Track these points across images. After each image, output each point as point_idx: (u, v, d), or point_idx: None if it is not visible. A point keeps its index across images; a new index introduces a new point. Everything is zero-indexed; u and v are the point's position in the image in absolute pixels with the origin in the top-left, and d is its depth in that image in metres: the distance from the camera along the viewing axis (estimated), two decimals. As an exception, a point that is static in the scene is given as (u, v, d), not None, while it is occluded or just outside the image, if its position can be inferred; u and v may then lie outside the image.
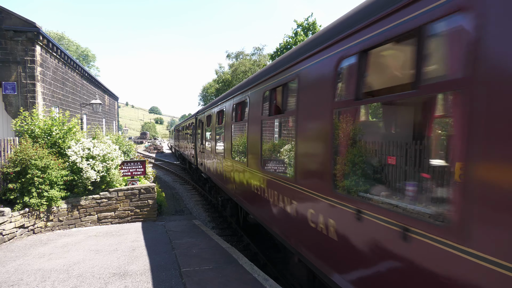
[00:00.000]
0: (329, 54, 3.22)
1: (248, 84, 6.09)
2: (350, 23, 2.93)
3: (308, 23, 24.99)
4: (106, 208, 8.00)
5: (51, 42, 10.41)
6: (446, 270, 1.92)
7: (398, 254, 2.30)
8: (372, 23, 2.59)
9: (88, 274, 4.85)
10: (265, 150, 5.36)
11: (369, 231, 2.59)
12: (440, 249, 1.95)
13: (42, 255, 5.68)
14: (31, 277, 4.73)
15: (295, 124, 3.94)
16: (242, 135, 6.63)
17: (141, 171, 9.05)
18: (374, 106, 4.29)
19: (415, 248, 2.14)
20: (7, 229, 6.38)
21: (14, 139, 7.48)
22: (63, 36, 47.90)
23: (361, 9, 2.87)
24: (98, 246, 6.22)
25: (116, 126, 25.05)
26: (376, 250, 2.53)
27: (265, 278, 4.61)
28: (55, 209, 7.33)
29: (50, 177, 7.04)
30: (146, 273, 4.88)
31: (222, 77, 38.84)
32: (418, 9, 2.15)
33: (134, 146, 15.73)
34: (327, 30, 3.42)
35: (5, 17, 9.09)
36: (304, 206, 3.71)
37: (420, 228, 2.10)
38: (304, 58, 3.74)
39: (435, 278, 1.99)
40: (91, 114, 16.06)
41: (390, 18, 2.40)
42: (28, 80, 9.31)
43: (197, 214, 11.03)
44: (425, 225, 2.08)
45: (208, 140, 11.06)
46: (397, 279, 2.33)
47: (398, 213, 2.35)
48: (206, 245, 6.28)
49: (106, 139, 8.80)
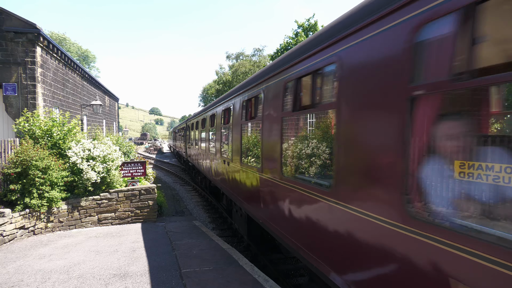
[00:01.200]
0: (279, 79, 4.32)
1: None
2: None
3: (310, 23, 25.01)
4: (106, 209, 8.01)
5: (51, 43, 10.43)
6: (327, 214, 3.03)
7: (299, 203, 3.64)
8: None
9: (89, 275, 4.85)
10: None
11: (288, 192, 3.94)
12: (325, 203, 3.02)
13: (43, 256, 5.68)
14: (32, 278, 4.73)
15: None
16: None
17: (141, 172, 9.05)
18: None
19: (309, 200, 3.39)
20: (8, 230, 6.38)
21: (15, 140, 7.49)
22: (65, 37, 48.03)
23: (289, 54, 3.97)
24: (98, 247, 6.22)
25: (116, 127, 25.07)
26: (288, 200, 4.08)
27: (266, 279, 4.60)
28: (55, 210, 7.34)
29: (51, 178, 7.05)
30: (147, 274, 4.88)
31: (223, 78, 38.91)
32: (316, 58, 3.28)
33: (135, 147, 15.74)
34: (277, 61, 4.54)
35: (6, 18, 9.11)
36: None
37: (314, 191, 3.27)
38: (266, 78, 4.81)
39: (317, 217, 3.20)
40: (91, 115, 16.07)
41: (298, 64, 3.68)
42: (29, 81, 9.32)
43: (198, 215, 11.03)
44: (317, 190, 3.21)
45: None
46: (288, 215, 3.92)
47: (305, 183, 3.53)
48: (207, 246, 6.27)
49: (106, 140, 8.81)
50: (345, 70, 2.79)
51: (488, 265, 1.60)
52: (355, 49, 2.67)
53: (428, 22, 1.98)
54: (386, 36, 2.31)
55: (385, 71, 2.32)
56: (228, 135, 7.74)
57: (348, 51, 2.77)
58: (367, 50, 2.52)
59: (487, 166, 1.78)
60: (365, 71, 2.55)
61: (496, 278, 1.56)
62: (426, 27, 2.01)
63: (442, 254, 1.84)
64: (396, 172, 2.18)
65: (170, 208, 11.39)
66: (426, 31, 2.03)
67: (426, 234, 1.94)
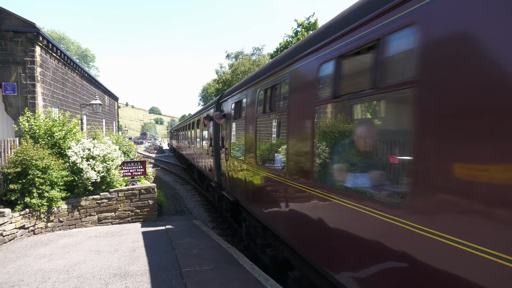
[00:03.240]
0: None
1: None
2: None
3: (310, 22, 24.95)
4: (106, 208, 8.00)
5: (51, 43, 10.41)
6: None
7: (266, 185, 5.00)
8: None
9: (89, 274, 4.85)
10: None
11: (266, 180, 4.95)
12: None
13: (43, 256, 5.68)
14: (32, 278, 4.73)
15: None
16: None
17: (141, 171, 9.05)
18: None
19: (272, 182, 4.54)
20: (8, 230, 6.38)
21: (15, 140, 7.48)
22: (64, 36, 47.92)
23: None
24: (98, 246, 6.22)
25: (116, 127, 25.05)
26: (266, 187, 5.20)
27: (266, 278, 4.60)
28: (55, 209, 7.33)
29: (51, 178, 7.04)
30: (147, 273, 4.88)
31: (222, 77, 38.86)
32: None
33: (134, 146, 15.73)
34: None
35: (5, 18, 9.09)
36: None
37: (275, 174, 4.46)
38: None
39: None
40: (91, 114, 16.05)
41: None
42: (28, 81, 9.31)
43: (198, 214, 11.03)
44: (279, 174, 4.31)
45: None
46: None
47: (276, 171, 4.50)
48: (207, 245, 6.27)
49: (106, 140, 8.80)
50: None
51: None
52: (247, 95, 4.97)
53: (323, 63, 3.22)
54: (309, 65, 3.51)
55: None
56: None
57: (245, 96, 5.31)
58: (251, 95, 4.64)
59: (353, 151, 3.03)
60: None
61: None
62: (322, 66, 3.25)
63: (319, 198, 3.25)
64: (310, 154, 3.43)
65: (170, 207, 11.39)
66: (322, 68, 3.25)
67: (322, 192, 3.21)
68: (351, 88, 2.99)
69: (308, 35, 3.99)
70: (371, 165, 3.00)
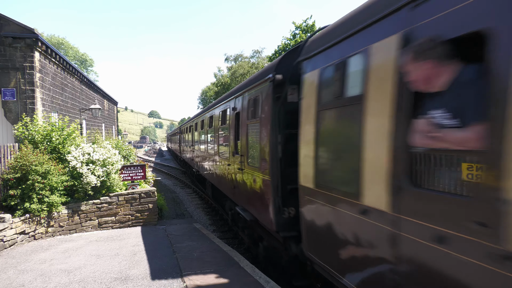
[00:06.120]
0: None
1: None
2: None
3: (307, 24, 25.05)
4: (106, 213, 8.00)
5: (50, 48, 10.45)
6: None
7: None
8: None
9: (90, 279, 4.85)
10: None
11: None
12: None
13: (43, 261, 5.68)
14: (33, 283, 4.72)
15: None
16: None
17: (141, 175, 9.05)
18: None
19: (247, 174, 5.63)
20: (8, 235, 6.38)
21: (14, 145, 7.49)
22: (63, 41, 48.04)
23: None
24: (99, 251, 6.21)
25: (115, 131, 25.08)
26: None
27: (267, 280, 4.61)
28: (55, 214, 7.33)
29: (51, 183, 7.04)
30: (148, 277, 4.88)
31: (221, 80, 38.96)
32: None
33: (134, 150, 15.74)
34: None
35: (4, 24, 9.14)
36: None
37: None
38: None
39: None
40: (90, 119, 16.08)
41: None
42: (27, 86, 9.34)
43: (198, 218, 11.03)
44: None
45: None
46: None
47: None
48: (207, 248, 6.28)
49: (105, 144, 8.82)
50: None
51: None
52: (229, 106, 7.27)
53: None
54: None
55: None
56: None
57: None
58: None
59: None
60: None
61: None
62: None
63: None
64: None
65: (171, 211, 11.38)
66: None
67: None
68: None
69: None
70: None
